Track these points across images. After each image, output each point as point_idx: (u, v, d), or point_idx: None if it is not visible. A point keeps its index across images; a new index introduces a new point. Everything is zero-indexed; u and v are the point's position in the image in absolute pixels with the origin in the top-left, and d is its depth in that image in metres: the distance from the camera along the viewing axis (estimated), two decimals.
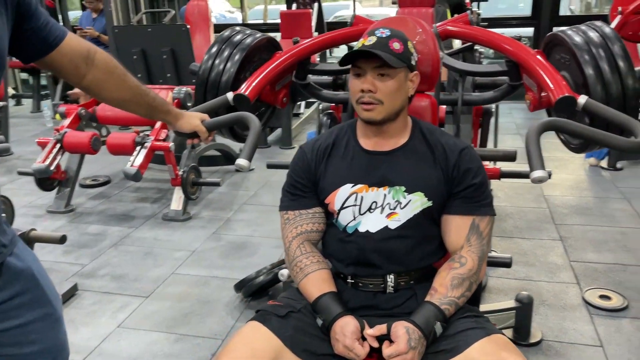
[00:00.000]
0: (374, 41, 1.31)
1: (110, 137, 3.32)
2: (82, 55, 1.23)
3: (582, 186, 3.87)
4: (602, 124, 1.55)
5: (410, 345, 1.21)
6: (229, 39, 1.92)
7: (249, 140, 1.45)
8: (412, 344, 1.21)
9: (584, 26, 1.71)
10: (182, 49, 4.36)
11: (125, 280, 2.72)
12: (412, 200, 1.37)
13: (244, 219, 3.44)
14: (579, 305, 2.38)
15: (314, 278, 1.38)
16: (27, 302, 1.14)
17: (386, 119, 1.36)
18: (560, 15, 6.53)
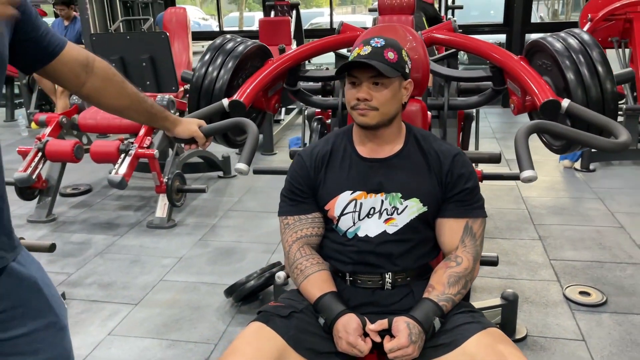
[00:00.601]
0: (369, 51, 1.35)
1: (94, 145, 3.30)
2: (81, 63, 1.24)
3: (557, 187, 4.00)
4: (583, 126, 1.63)
5: (411, 340, 1.25)
6: (221, 46, 1.95)
7: (247, 145, 1.48)
8: (412, 338, 1.26)
9: (563, 33, 1.79)
10: (162, 57, 4.35)
11: (113, 288, 2.70)
12: (408, 206, 1.42)
13: (229, 225, 3.45)
14: (560, 301, 2.47)
15: (315, 279, 1.42)
16: (30, 311, 1.14)
17: (380, 124, 1.41)
18: (532, 23, 6.73)
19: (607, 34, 4.52)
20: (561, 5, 20.96)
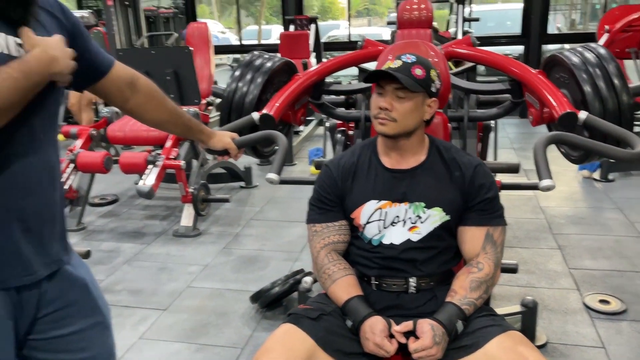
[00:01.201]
0: (398, 65, 1.44)
1: (123, 156, 3.42)
2: (126, 81, 1.34)
3: (576, 197, 4.02)
4: (600, 137, 1.69)
5: (435, 341, 1.32)
6: (250, 63, 2.05)
7: (278, 156, 1.56)
8: (436, 339, 1.32)
9: (580, 47, 1.86)
10: (185, 71, 4.48)
11: (142, 294, 2.80)
12: (431, 215, 1.49)
13: (252, 233, 3.54)
14: (580, 309, 2.50)
15: (342, 283, 1.49)
16: (81, 310, 1.24)
17: (398, 135, 1.49)
18: (549, 34, 6.77)
19: (625, 45, 4.55)
20: (579, 16, 20.90)
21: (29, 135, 1.04)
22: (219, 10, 23.19)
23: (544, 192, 1.45)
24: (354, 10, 27.48)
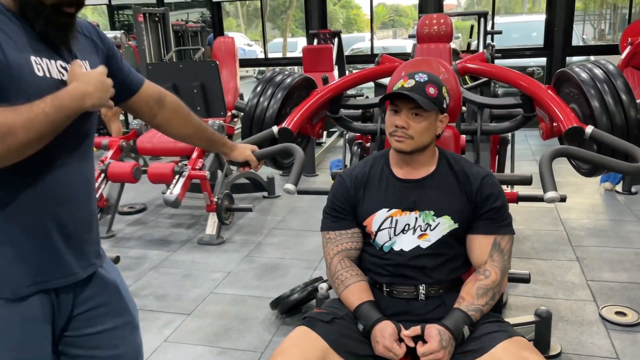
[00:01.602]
0: (412, 84, 1.51)
1: (151, 166, 3.57)
2: (155, 98, 1.46)
3: (597, 209, 4.01)
4: (609, 150, 1.74)
5: (442, 345, 1.38)
6: (271, 79, 2.16)
7: (295, 168, 1.66)
8: (443, 343, 1.39)
9: (589, 64, 1.91)
10: (211, 84, 4.63)
11: (167, 299, 2.92)
12: (440, 223, 1.56)
13: (274, 242, 3.64)
14: (595, 321, 2.52)
15: (354, 289, 1.56)
16: (112, 310, 1.34)
17: (414, 151, 1.56)
18: (573, 46, 6.75)
19: None
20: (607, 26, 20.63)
21: (69, 148, 1.16)
22: (246, 23, 23.59)
23: (548, 203, 1.50)
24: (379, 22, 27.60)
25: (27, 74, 1.02)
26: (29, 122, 0.97)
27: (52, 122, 1.01)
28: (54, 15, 1.05)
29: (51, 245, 1.15)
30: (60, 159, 1.14)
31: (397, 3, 28.22)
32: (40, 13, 1.04)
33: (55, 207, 1.14)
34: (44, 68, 1.06)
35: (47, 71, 1.06)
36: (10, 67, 0.99)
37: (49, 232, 1.14)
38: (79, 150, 1.19)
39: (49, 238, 1.14)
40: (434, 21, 3.71)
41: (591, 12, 23.66)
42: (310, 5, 7.07)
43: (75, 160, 1.18)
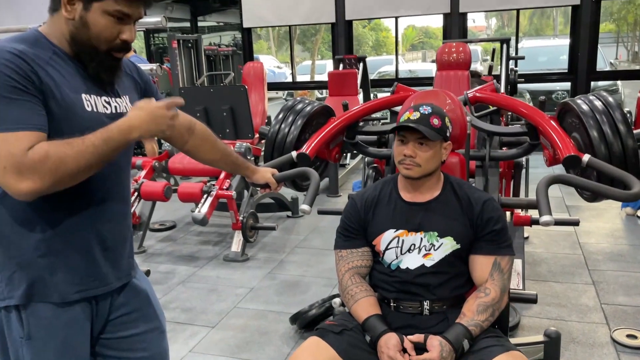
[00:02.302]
0: (417, 116, 1.65)
1: (181, 186, 3.77)
2: (186, 127, 1.63)
3: (617, 234, 4.04)
4: (607, 178, 1.84)
5: (442, 355, 1.50)
6: (292, 107, 2.33)
7: (310, 190, 1.81)
8: (443, 354, 1.50)
9: (591, 95, 2.02)
10: (240, 107, 4.84)
11: (193, 312, 3.08)
12: (443, 244, 1.68)
13: (296, 260, 3.78)
14: (606, 343, 2.57)
15: (363, 303, 1.69)
16: (142, 316, 1.50)
17: (421, 177, 1.70)
18: (598, 71, 6.78)
19: None
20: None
21: (115, 171, 1.33)
22: (277, 46, 24.10)
23: (543, 226, 1.61)
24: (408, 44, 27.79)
25: (79, 109, 1.20)
26: (79, 154, 1.12)
27: (100, 153, 1.15)
28: (105, 59, 1.24)
29: (93, 258, 1.32)
30: (108, 180, 1.31)
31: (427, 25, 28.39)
32: (94, 58, 1.22)
33: (97, 223, 1.31)
34: (92, 104, 1.24)
35: (94, 106, 1.24)
36: (65, 104, 1.17)
37: (91, 246, 1.31)
38: (123, 172, 1.37)
39: (91, 251, 1.31)
40: (453, 49, 3.85)
41: (624, 34, 23.39)
42: (337, 31, 7.30)
43: (119, 181, 1.35)
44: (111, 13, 1.18)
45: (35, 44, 1.18)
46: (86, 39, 1.19)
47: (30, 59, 1.13)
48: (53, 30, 1.21)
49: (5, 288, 1.24)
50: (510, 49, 6.21)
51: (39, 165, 1.08)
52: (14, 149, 1.08)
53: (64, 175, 1.12)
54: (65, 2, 1.16)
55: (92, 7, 1.17)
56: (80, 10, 1.17)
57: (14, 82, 1.09)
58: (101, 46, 1.21)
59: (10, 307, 1.25)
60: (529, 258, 3.59)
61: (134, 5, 1.20)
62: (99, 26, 1.18)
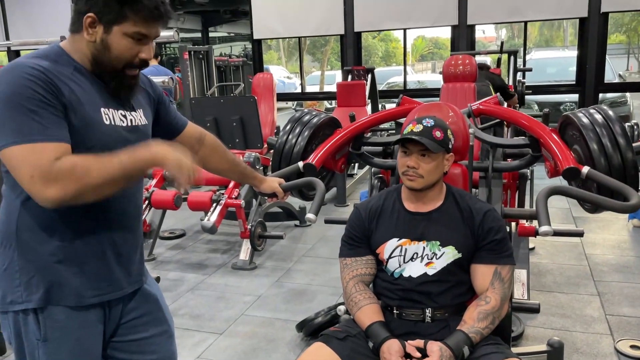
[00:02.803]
0: (420, 129, 1.70)
1: (191, 195, 3.84)
2: (196, 138, 1.70)
3: (623, 246, 4.05)
4: (607, 189, 1.88)
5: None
6: (299, 119, 2.40)
7: (316, 200, 1.86)
8: (443, 359, 1.54)
9: (592, 109, 2.07)
10: (250, 118, 4.92)
11: (201, 319, 3.13)
12: (445, 252, 1.73)
13: (303, 269, 3.83)
14: (610, 353, 2.59)
15: (366, 310, 1.74)
16: (152, 320, 1.56)
17: (424, 188, 1.75)
18: (606, 82, 6.80)
19: None
20: None
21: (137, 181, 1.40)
22: (287, 56, 24.28)
23: (542, 236, 1.65)
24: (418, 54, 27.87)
25: (98, 123, 1.27)
26: (104, 167, 1.17)
27: (124, 168, 1.19)
28: (124, 78, 1.30)
29: (107, 264, 1.38)
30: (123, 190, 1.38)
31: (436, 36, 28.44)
32: (114, 77, 1.29)
33: (112, 231, 1.37)
34: (110, 117, 1.31)
35: (112, 120, 1.31)
36: (85, 118, 1.24)
37: (106, 253, 1.37)
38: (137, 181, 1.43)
39: (105, 258, 1.37)
40: (459, 62, 3.91)
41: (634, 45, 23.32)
42: (346, 42, 7.39)
43: (132, 190, 1.42)
44: (131, 35, 1.25)
45: (58, 60, 1.25)
46: (107, 60, 1.26)
47: (53, 75, 1.20)
48: (75, 48, 1.28)
49: (24, 292, 1.30)
50: (519, 60, 6.28)
51: (66, 174, 1.14)
52: (42, 159, 1.13)
53: (88, 186, 1.16)
54: (86, 25, 1.23)
55: (112, 30, 1.24)
56: (102, 34, 1.24)
57: (40, 95, 1.16)
58: (120, 66, 1.28)
59: (28, 310, 1.31)
60: (534, 268, 3.61)
61: (151, 26, 1.27)
62: (119, 48, 1.25)
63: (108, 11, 1.22)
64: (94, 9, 1.22)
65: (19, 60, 1.22)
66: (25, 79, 1.16)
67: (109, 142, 1.27)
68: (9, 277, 1.31)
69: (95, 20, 1.23)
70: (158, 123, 1.56)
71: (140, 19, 1.24)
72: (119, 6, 1.22)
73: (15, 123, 1.15)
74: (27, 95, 1.15)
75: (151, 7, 1.25)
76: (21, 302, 1.31)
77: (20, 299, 1.31)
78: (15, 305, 1.31)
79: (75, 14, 1.26)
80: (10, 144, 1.14)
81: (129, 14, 1.23)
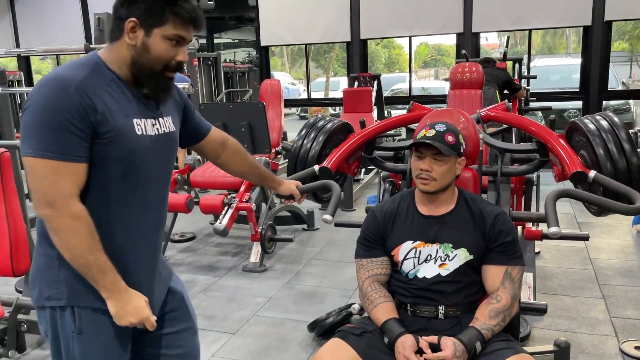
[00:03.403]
0: (433, 134, 1.78)
1: (203, 198, 3.92)
2: (219, 142, 1.78)
3: (627, 251, 4.11)
4: (613, 193, 1.95)
5: (455, 355, 1.61)
6: (314, 124, 2.48)
7: (332, 201, 1.94)
8: (457, 353, 1.61)
9: (598, 115, 2.15)
10: (258, 123, 4.99)
11: (214, 319, 3.20)
12: (458, 254, 1.80)
13: (312, 272, 3.90)
14: (615, 354, 2.65)
15: (382, 308, 1.81)
16: (179, 316, 1.64)
17: (437, 191, 1.82)
18: (609, 90, 6.88)
19: None
20: None
21: (165, 182, 1.49)
22: (290, 62, 24.42)
23: (552, 237, 1.72)
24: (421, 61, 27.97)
25: (130, 133, 1.34)
26: (84, 254, 1.28)
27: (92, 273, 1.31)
28: (161, 79, 1.38)
29: (139, 264, 1.45)
30: (159, 190, 1.46)
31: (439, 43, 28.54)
32: (152, 78, 1.37)
33: (146, 231, 1.45)
34: (142, 127, 1.38)
35: (144, 130, 1.38)
36: (117, 129, 1.31)
37: (139, 253, 1.44)
38: (167, 184, 1.51)
39: (139, 258, 1.44)
40: (466, 69, 3.99)
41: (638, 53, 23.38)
42: (352, 49, 7.48)
43: (164, 191, 1.50)
44: (170, 37, 1.34)
45: (96, 71, 1.32)
46: (146, 62, 1.34)
47: (90, 89, 1.27)
48: (113, 57, 1.36)
49: (62, 289, 1.37)
50: (523, 67, 6.36)
51: (63, 217, 1.26)
52: (59, 187, 1.26)
53: (63, 244, 1.29)
54: (128, 30, 1.32)
55: (152, 33, 1.32)
56: (142, 37, 1.32)
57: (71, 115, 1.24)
58: (159, 68, 1.36)
59: (66, 306, 1.38)
60: (540, 272, 3.67)
61: (188, 30, 1.36)
62: (159, 50, 1.34)
63: (149, 15, 1.31)
64: (135, 13, 1.31)
65: (60, 73, 1.29)
66: (62, 94, 1.24)
67: (139, 151, 1.35)
68: (47, 274, 1.38)
69: (136, 25, 1.32)
70: (184, 128, 1.64)
71: (179, 22, 1.33)
72: (160, 10, 1.31)
73: (44, 135, 1.24)
74: (60, 112, 1.23)
75: (190, 10, 1.34)
76: (59, 298, 1.37)
77: (57, 295, 1.37)
78: (52, 301, 1.38)
79: (115, 22, 1.34)
80: (35, 154, 1.25)
81: (169, 18, 1.32)
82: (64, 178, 1.26)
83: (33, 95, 1.26)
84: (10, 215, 2.38)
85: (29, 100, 1.26)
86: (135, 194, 1.39)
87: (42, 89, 1.25)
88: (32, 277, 1.42)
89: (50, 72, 1.32)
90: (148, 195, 1.43)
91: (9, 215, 2.38)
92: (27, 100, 1.28)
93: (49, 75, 1.29)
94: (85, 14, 8.38)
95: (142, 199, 1.41)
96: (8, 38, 8.91)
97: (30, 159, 1.25)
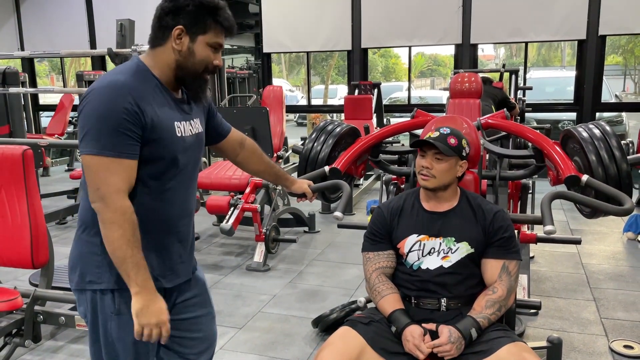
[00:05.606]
0: (437, 135, 1.93)
1: (210, 199, 4.05)
2: (238, 141, 1.91)
3: (618, 256, 4.26)
4: (604, 196, 2.10)
5: (450, 340, 1.74)
6: (324, 128, 2.62)
7: (343, 199, 2.07)
8: (452, 339, 1.75)
9: (591, 124, 2.30)
10: (261, 127, 5.12)
11: (221, 315, 3.32)
12: (459, 248, 1.94)
13: (314, 272, 4.03)
14: (604, 352, 2.79)
15: (389, 299, 1.94)
16: (200, 302, 1.77)
17: (436, 188, 1.96)
18: (602, 102, 7.07)
19: None
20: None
21: (194, 174, 1.62)
22: (288, 70, 24.59)
23: (547, 235, 1.87)
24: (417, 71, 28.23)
25: (172, 135, 1.48)
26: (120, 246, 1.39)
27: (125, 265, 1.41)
28: (201, 81, 1.53)
29: (172, 253, 1.58)
30: (190, 180, 1.59)
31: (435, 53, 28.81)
32: (195, 80, 1.52)
33: (179, 222, 1.58)
34: (182, 130, 1.52)
35: (183, 131, 1.53)
36: (162, 132, 1.45)
37: (172, 243, 1.58)
38: (195, 175, 1.65)
39: (171, 248, 1.58)
40: (465, 79, 4.15)
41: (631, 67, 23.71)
42: (353, 58, 7.64)
43: (190, 184, 1.63)
44: (211, 44, 1.50)
45: (142, 77, 1.46)
46: (191, 65, 1.49)
47: (139, 96, 1.41)
48: (155, 62, 1.50)
49: (106, 274, 1.49)
50: (519, 78, 6.54)
51: (110, 211, 1.38)
52: (109, 182, 1.38)
53: (105, 235, 1.41)
54: (175, 37, 1.46)
55: (197, 39, 1.48)
56: (188, 43, 1.47)
57: (126, 118, 1.38)
58: (201, 69, 1.51)
59: (107, 289, 1.50)
60: (534, 275, 3.82)
61: (225, 38, 1.52)
62: (202, 54, 1.49)
63: (195, 23, 1.46)
64: (182, 22, 1.46)
65: (113, 79, 1.43)
66: (119, 99, 1.38)
67: (179, 151, 1.50)
68: (90, 259, 1.51)
69: (182, 32, 1.46)
70: (208, 128, 1.77)
71: (219, 30, 1.50)
72: (203, 19, 1.47)
73: (101, 136, 1.38)
74: (116, 114, 1.37)
75: (229, 20, 1.50)
76: (100, 282, 1.50)
77: (99, 279, 1.50)
78: (93, 284, 1.51)
79: (160, 30, 1.48)
80: (91, 152, 1.38)
81: (211, 27, 1.48)
82: (115, 174, 1.39)
83: (90, 99, 1.40)
84: (32, 209, 2.51)
85: (85, 104, 1.40)
86: (173, 190, 1.53)
87: (100, 93, 1.39)
88: (73, 262, 1.54)
89: (104, 78, 1.45)
90: (183, 191, 1.57)
91: (30, 209, 2.51)
92: (82, 103, 1.41)
93: (104, 81, 1.43)
94: (90, 17, 8.52)
95: (177, 194, 1.55)
96: (13, 40, 9.03)
97: (88, 157, 1.39)
